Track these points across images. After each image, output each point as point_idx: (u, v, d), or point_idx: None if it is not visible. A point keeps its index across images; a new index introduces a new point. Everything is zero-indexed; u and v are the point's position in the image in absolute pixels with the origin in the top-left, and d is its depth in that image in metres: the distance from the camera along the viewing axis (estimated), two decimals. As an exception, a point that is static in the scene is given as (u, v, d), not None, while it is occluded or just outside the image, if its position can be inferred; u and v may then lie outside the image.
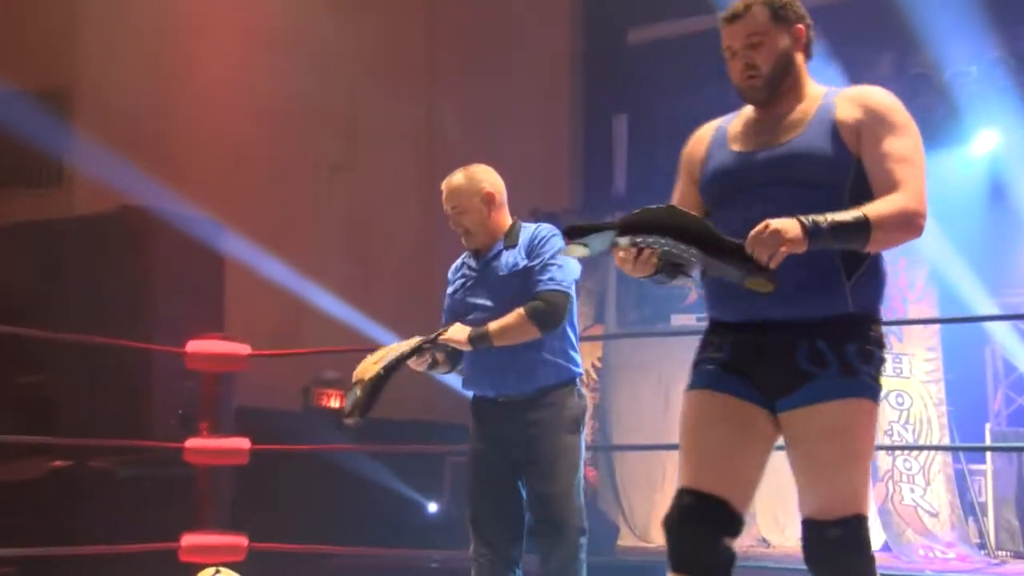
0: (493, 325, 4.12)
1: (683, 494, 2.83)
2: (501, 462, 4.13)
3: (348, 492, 7.87)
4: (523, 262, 4.21)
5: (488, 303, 4.21)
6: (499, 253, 4.28)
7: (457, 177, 4.26)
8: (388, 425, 7.49)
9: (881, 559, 7.98)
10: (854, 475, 2.78)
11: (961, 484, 8.56)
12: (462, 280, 4.36)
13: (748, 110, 3.03)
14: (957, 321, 8.40)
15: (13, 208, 8.65)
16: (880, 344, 2.85)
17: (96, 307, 7.46)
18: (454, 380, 5.12)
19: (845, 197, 2.80)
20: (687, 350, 9.01)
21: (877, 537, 8.58)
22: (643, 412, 9.57)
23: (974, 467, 8.49)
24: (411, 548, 7.41)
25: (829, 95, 2.94)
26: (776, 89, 2.95)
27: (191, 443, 6.16)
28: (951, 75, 8.43)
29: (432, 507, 8.81)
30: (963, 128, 8.59)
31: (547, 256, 4.20)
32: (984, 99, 8.33)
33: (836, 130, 2.86)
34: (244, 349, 6.32)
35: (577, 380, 4.25)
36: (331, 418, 8.76)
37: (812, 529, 2.75)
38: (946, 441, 8.64)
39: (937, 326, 8.73)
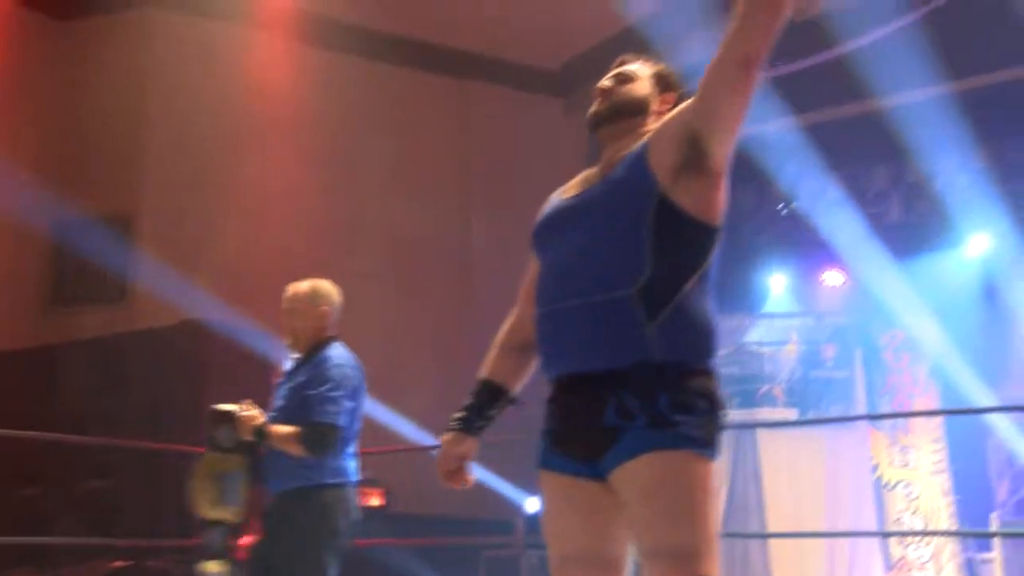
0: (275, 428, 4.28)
1: None
2: None
3: (389, 582, 7.78)
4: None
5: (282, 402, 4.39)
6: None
7: (303, 286, 4.49)
8: (428, 521, 7.51)
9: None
10: (688, 536, 2.42)
11: (971, 573, 8.42)
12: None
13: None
14: (959, 412, 8.38)
15: (81, 324, 8.75)
16: (707, 395, 2.52)
17: (156, 414, 7.53)
18: (492, 479, 5.18)
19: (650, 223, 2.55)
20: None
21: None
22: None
23: (983, 556, 8.33)
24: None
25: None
26: (618, 120, 2.76)
27: (242, 542, 6.32)
28: (942, 184, 8.49)
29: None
30: (956, 233, 8.64)
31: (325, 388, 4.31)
32: (974, 206, 8.37)
33: (644, 156, 2.62)
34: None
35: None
36: (371, 515, 8.82)
37: None
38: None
39: (941, 419, 8.67)
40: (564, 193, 2.80)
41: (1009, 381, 8.40)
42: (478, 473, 2.93)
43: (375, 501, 8.83)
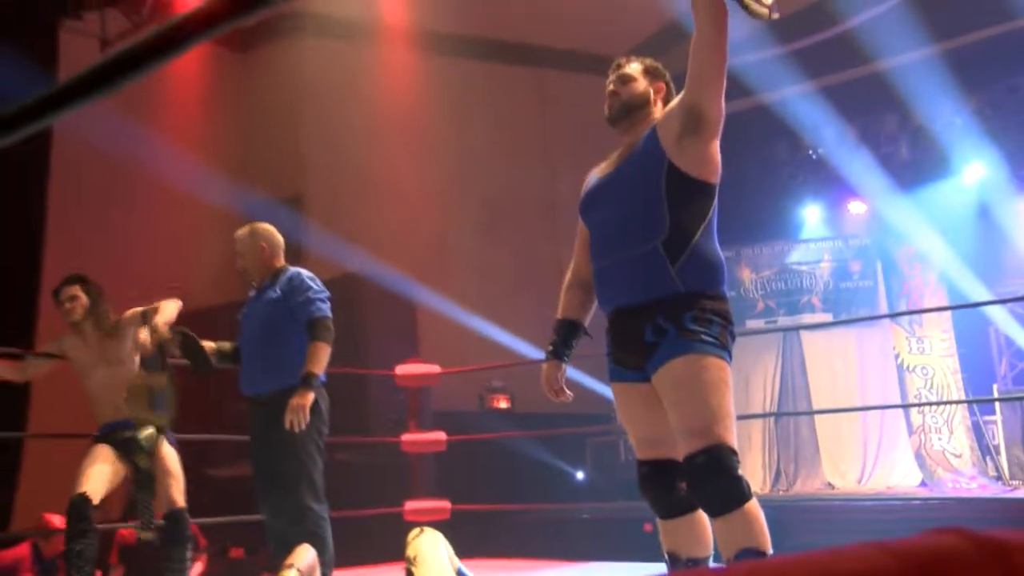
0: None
1: (639, 466, 2.78)
2: None
3: (517, 467, 7.94)
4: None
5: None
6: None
7: (244, 231, 4.10)
8: (544, 417, 7.70)
9: (919, 492, 8.11)
10: (706, 414, 2.52)
11: (977, 432, 8.45)
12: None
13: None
14: (963, 307, 8.38)
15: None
16: (719, 314, 2.64)
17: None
18: (591, 380, 5.07)
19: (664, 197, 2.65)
20: (756, 347, 9.24)
21: (915, 475, 8.58)
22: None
23: (987, 418, 8.33)
24: (566, 504, 7.44)
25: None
26: (628, 115, 2.82)
27: (405, 437, 6.39)
28: (941, 126, 8.44)
29: (579, 475, 8.86)
30: (954, 165, 8.61)
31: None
32: (968, 142, 8.36)
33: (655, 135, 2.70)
34: (436, 369, 6.52)
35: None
36: (499, 415, 9.02)
37: (685, 463, 2.54)
38: (963, 402, 8.64)
39: (949, 313, 8.67)
40: (599, 172, 2.89)
41: (1003, 280, 8.38)
42: (582, 378, 3.18)
43: (503, 404, 9.07)
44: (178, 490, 4.44)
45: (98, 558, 4.56)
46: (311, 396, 3.74)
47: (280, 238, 4.16)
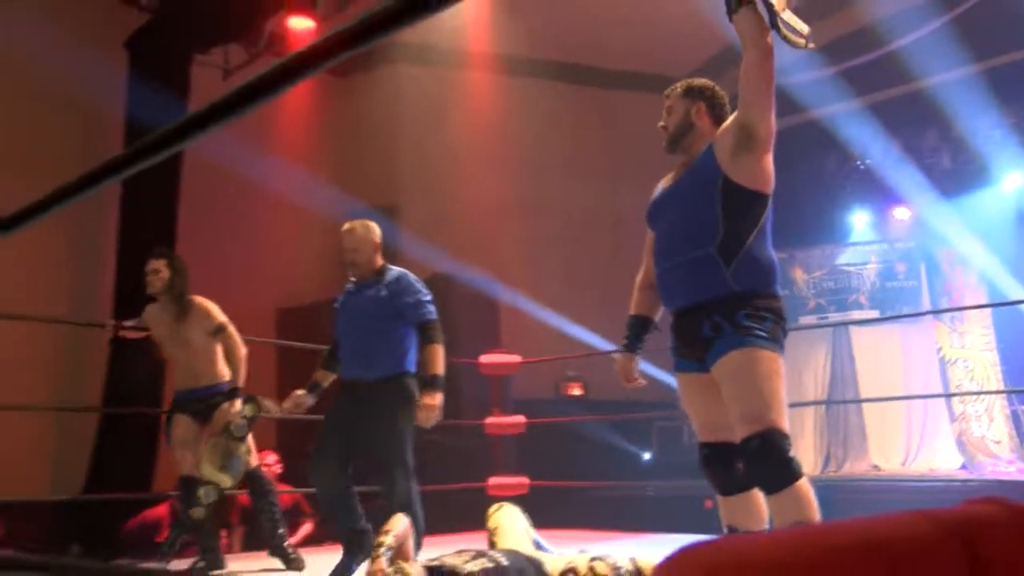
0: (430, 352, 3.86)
1: (701, 448, 2.78)
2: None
3: (589, 448, 7.90)
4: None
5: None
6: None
7: (358, 225, 4.01)
8: (613, 403, 7.69)
9: (960, 474, 7.92)
10: (759, 402, 2.51)
11: (1016, 420, 8.24)
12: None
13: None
14: (1002, 305, 8.17)
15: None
16: (772, 311, 2.63)
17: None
18: (658, 370, 5.01)
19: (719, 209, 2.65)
20: (807, 342, 9.07)
21: (956, 459, 8.38)
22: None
23: None
24: (634, 481, 7.45)
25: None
26: (678, 144, 2.83)
27: (488, 421, 6.50)
28: (982, 138, 8.24)
29: (646, 456, 8.82)
30: (994, 174, 8.40)
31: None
32: (1007, 152, 8.14)
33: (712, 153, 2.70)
34: (516, 359, 6.62)
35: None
36: (573, 401, 9.01)
37: (741, 446, 2.55)
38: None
39: (989, 310, 8.48)
40: (663, 183, 2.92)
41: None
42: (649, 368, 3.18)
43: (577, 391, 9.08)
44: (249, 454, 4.41)
45: (222, 519, 4.68)
46: (439, 396, 3.78)
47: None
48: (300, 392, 4.06)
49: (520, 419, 6.50)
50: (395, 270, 4.07)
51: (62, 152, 8.25)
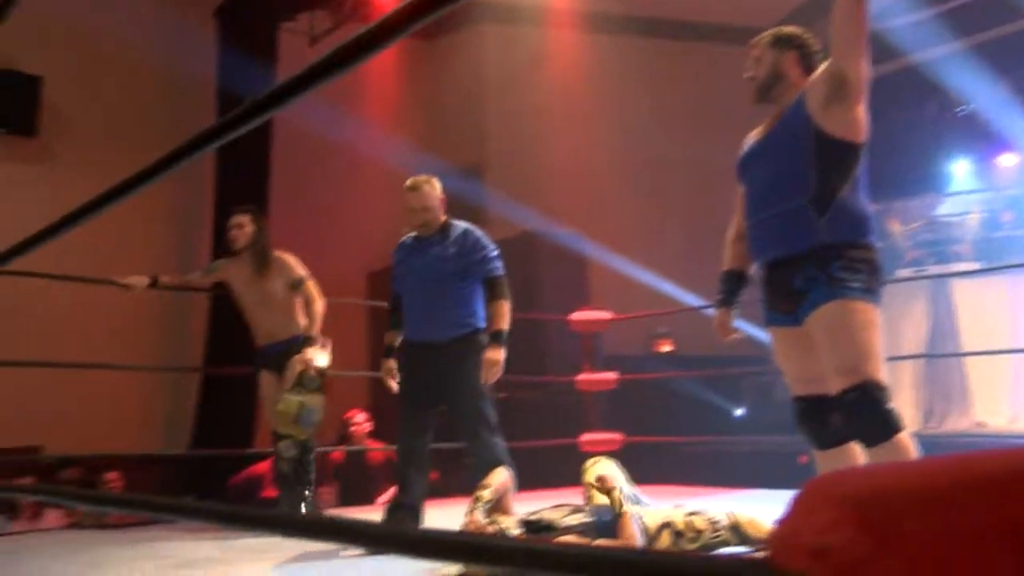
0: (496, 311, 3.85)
1: (795, 402, 2.76)
2: None
3: (680, 405, 7.87)
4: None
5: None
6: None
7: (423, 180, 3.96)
8: (704, 358, 7.65)
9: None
10: (855, 353, 2.48)
11: None
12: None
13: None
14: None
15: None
16: (866, 262, 2.58)
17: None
18: (748, 324, 5.06)
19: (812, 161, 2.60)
20: (904, 295, 8.80)
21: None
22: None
23: None
24: (726, 436, 7.40)
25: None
26: (767, 94, 2.79)
27: (580, 377, 6.52)
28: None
29: (737, 412, 8.75)
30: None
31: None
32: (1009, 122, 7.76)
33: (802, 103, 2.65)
34: (606, 315, 6.62)
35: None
36: (663, 357, 8.99)
37: (838, 399, 2.51)
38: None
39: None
40: (754, 136, 2.88)
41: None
42: (741, 323, 3.15)
43: (667, 348, 9.05)
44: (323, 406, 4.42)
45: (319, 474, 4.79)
46: (503, 352, 3.76)
47: None
48: (389, 364, 4.04)
49: (612, 375, 6.51)
50: (459, 225, 4.00)
51: (158, 122, 8.50)
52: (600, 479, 3.18)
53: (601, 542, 2.95)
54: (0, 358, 5.66)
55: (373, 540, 0.84)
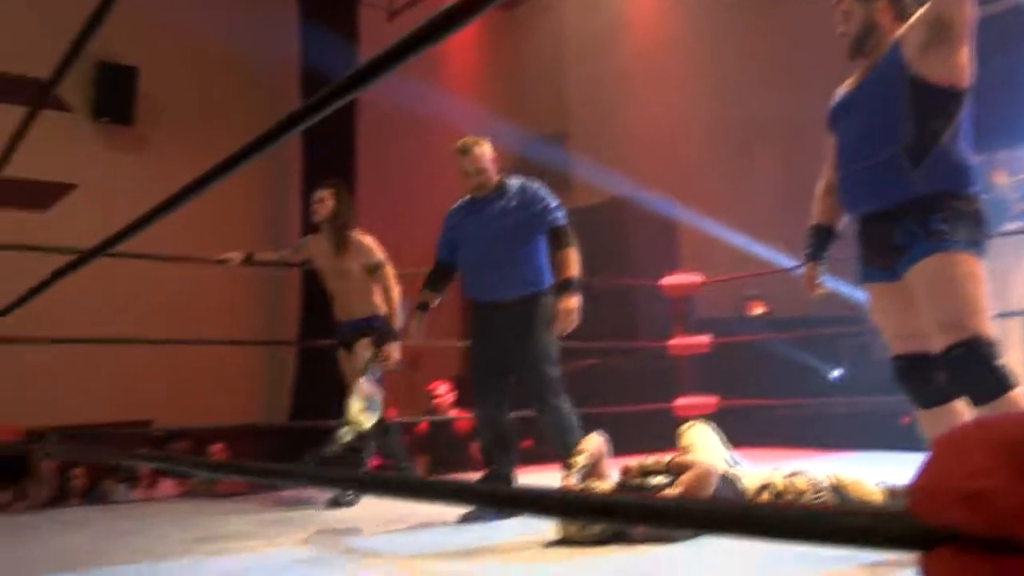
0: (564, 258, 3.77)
1: (895, 360, 2.66)
2: None
3: (775, 367, 7.67)
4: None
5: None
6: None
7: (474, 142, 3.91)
8: (799, 320, 7.51)
9: None
10: (960, 308, 2.39)
11: None
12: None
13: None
14: None
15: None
16: (969, 214, 2.47)
17: (596, 264, 7.93)
18: (842, 282, 4.92)
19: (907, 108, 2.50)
20: (1013, 249, 8.49)
21: None
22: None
23: None
24: (823, 398, 7.26)
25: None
26: (862, 48, 2.66)
27: (673, 342, 6.47)
28: None
29: (834, 373, 8.52)
30: None
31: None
32: None
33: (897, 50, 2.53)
34: (698, 279, 6.55)
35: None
36: (756, 319, 8.86)
37: (943, 356, 2.42)
38: None
39: None
40: (845, 87, 2.78)
41: None
42: (833, 281, 3.08)
43: (759, 310, 8.91)
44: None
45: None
46: (577, 299, 3.67)
47: None
48: (415, 324, 4.01)
49: (705, 339, 6.45)
50: (515, 180, 3.94)
51: (245, 104, 8.68)
52: (683, 448, 3.17)
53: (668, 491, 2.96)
54: (111, 336, 5.90)
55: (489, 499, 0.85)
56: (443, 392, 6.72)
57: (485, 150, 3.89)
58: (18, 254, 4.40)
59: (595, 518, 0.69)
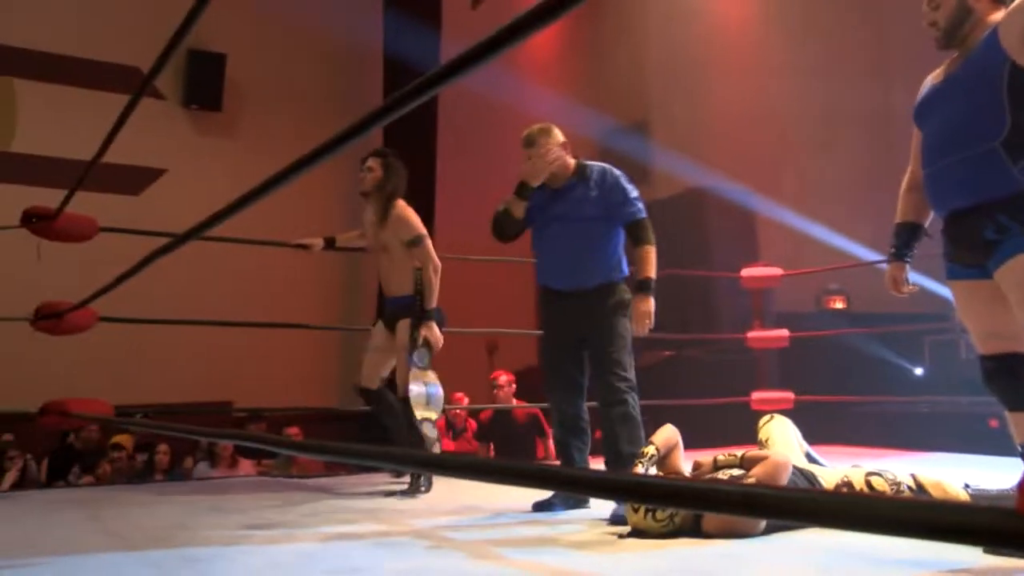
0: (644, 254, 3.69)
1: (983, 360, 2.57)
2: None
3: (855, 363, 7.56)
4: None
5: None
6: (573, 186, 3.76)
7: (543, 130, 3.74)
8: (880, 315, 7.35)
9: None
10: None
11: None
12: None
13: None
14: None
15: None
16: None
17: (674, 255, 7.89)
18: (927, 279, 4.81)
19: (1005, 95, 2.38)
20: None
21: None
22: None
23: None
24: (906, 397, 7.06)
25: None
26: (953, 38, 2.56)
27: (751, 335, 6.37)
28: None
29: (918, 371, 8.34)
30: None
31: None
32: None
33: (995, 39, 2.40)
34: (778, 271, 6.44)
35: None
36: (836, 314, 8.67)
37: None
38: None
39: None
40: (933, 78, 2.68)
41: None
42: (918, 278, 3.01)
43: (839, 304, 8.73)
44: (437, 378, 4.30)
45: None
46: (652, 301, 3.64)
47: None
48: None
49: (783, 332, 6.35)
50: (595, 165, 3.80)
51: (329, 91, 8.83)
52: (759, 442, 3.14)
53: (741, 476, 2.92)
54: (195, 318, 6.07)
55: (570, 484, 0.87)
56: (503, 383, 6.73)
57: (551, 138, 3.74)
58: (100, 237, 4.44)
59: (663, 503, 0.70)
